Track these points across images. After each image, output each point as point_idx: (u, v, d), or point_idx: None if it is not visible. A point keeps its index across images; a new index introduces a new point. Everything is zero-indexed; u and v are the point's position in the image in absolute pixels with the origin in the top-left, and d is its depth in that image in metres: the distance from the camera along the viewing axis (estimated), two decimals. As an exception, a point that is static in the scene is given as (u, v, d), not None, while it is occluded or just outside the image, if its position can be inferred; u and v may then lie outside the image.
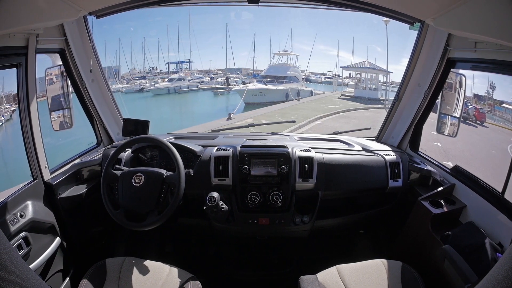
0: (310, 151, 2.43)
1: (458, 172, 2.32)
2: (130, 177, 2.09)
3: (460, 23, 1.81)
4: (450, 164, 2.44)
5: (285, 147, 2.41)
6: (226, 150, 2.45)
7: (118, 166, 2.28)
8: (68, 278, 2.32)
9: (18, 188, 2.08)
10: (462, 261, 1.72)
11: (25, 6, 1.64)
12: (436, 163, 2.52)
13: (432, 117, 2.69)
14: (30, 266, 1.88)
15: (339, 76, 39.61)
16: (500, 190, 1.90)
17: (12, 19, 1.64)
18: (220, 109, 27.20)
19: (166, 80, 37.70)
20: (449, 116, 2.52)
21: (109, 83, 2.95)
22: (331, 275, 1.99)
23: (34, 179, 2.18)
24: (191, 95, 36.11)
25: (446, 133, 2.56)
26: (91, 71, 2.72)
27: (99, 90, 2.88)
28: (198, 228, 2.71)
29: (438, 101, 2.60)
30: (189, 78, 38.66)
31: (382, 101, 24.90)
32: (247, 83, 32.06)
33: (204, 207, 2.12)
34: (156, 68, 43.60)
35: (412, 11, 2.24)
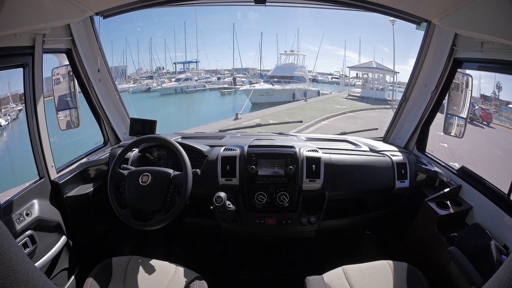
0: (317, 152, 2.42)
1: (464, 173, 2.31)
2: (137, 177, 2.10)
3: (467, 23, 1.81)
4: (456, 165, 2.43)
5: (292, 147, 2.41)
6: (233, 150, 2.45)
7: (125, 166, 2.29)
8: (73, 277, 2.33)
9: (24, 187, 2.09)
10: (467, 263, 1.71)
11: (31, 7, 1.65)
12: (443, 164, 2.51)
13: (439, 118, 2.67)
14: (36, 264, 1.89)
15: (346, 76, 39.36)
16: (506, 191, 1.89)
17: (18, 19, 1.65)
18: (227, 109, 27.19)
19: (173, 80, 37.82)
20: (456, 117, 2.50)
21: (116, 83, 2.96)
22: (337, 276, 1.98)
23: (40, 178, 2.19)
24: (198, 95, 36.18)
25: (453, 133, 2.54)
26: (98, 71, 2.74)
27: (106, 89, 2.89)
28: (204, 228, 2.71)
29: (445, 101, 2.59)
30: (196, 78, 38.71)
31: (389, 102, 24.75)
32: (254, 83, 32.08)
33: (211, 207, 2.11)
34: (163, 68, 43.66)
35: (418, 11, 2.24)
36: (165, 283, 1.94)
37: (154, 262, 2.09)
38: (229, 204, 2.18)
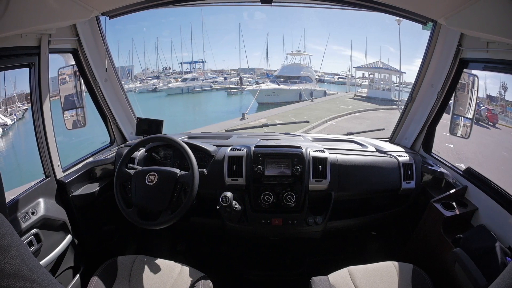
0: (324, 152, 2.41)
1: (470, 174, 2.29)
2: (144, 176, 2.10)
3: (472, 22, 1.80)
4: (462, 166, 2.42)
5: (299, 147, 2.40)
6: (240, 150, 2.44)
7: (131, 165, 2.29)
8: (78, 275, 2.33)
9: (30, 185, 2.10)
10: (472, 264, 1.71)
11: (37, 7, 1.66)
12: (449, 165, 2.50)
13: (445, 118, 2.66)
14: (41, 263, 1.89)
15: (352, 76, 39.33)
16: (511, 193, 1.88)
17: (24, 19, 1.66)
18: (234, 109, 27.14)
19: (179, 80, 38.12)
20: (462, 117, 2.49)
21: (122, 82, 2.97)
22: (343, 277, 1.98)
23: (46, 177, 2.20)
24: (205, 95, 36.38)
25: (459, 134, 2.53)
26: (106, 71, 2.75)
27: (113, 89, 2.90)
28: (211, 228, 2.71)
29: (451, 102, 2.58)
30: (203, 78, 38.99)
31: (396, 102, 24.71)
32: (260, 83, 32.15)
33: (218, 207, 2.11)
34: (170, 68, 43.98)
35: (424, 11, 2.23)
36: (170, 283, 1.94)
37: (159, 261, 2.09)
38: (235, 204, 2.18)
